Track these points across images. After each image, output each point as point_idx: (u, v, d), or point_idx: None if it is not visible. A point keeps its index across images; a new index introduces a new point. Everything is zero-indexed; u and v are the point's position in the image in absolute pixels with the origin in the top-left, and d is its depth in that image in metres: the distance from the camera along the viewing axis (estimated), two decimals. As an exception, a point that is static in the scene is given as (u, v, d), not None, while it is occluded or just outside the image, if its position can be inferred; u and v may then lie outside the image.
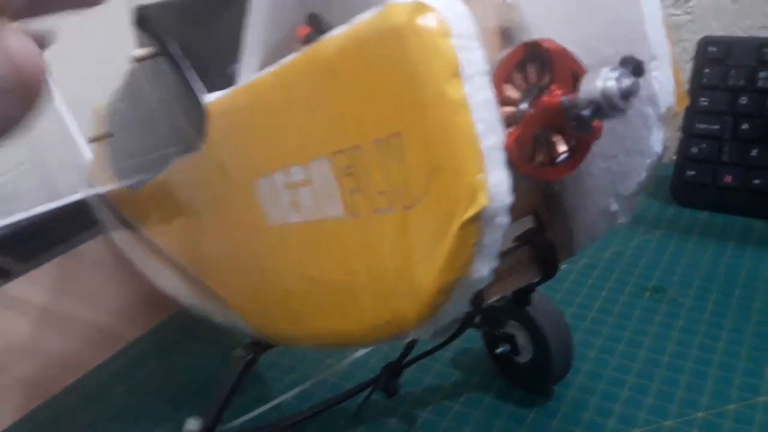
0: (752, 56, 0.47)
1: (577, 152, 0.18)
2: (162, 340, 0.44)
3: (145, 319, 0.45)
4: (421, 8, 0.16)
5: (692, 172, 0.49)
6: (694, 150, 0.49)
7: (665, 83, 0.19)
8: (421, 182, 0.16)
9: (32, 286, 0.50)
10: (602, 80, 0.16)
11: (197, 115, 0.24)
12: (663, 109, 0.19)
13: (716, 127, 0.48)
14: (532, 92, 0.17)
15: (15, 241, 0.46)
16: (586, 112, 0.16)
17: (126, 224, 0.40)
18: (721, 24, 0.55)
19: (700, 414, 0.31)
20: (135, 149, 0.32)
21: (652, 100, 0.19)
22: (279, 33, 0.22)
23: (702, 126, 0.49)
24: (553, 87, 0.17)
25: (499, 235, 0.16)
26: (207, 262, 0.28)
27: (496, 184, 0.15)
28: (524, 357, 0.33)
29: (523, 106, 0.17)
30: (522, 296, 0.27)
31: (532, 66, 0.18)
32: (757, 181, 0.47)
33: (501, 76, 0.17)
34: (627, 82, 0.16)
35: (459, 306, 0.18)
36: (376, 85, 0.17)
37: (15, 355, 0.43)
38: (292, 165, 0.20)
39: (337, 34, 0.18)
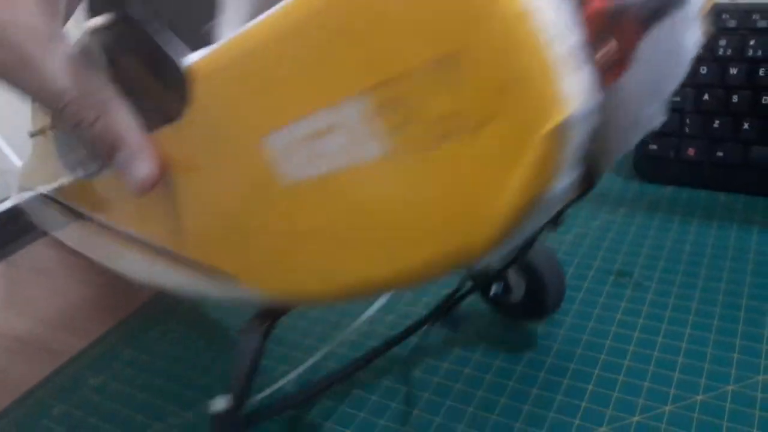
0: (711, 24, 0.45)
1: (625, 55, 0.16)
2: (105, 353, 0.41)
3: (85, 331, 0.43)
4: None
5: (655, 146, 0.48)
6: (656, 123, 0.47)
7: None
8: (490, 100, 0.15)
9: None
10: None
11: (176, 80, 0.21)
12: (696, 8, 0.18)
13: (677, 98, 0.46)
14: None
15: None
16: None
17: (82, 217, 0.37)
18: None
19: (668, 407, 0.30)
20: None
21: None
22: None
23: (663, 98, 0.47)
24: None
25: (581, 142, 0.15)
26: (200, 237, 0.26)
27: (579, 86, 0.14)
28: (516, 295, 0.34)
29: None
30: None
31: None
32: (720, 153, 0.45)
33: None
34: None
35: (535, 224, 0.16)
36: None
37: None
38: (311, 113, 0.18)
39: None
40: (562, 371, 0.33)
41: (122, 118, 0.23)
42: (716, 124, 0.45)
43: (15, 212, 0.52)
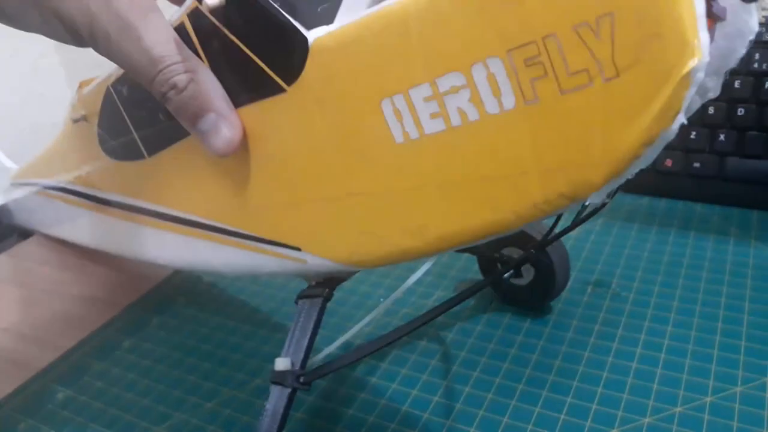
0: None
1: (712, 29, 0.19)
2: (74, 366, 0.40)
3: (54, 344, 0.42)
4: None
5: (632, 157, 0.48)
6: (633, 134, 0.47)
7: None
8: (631, 52, 0.17)
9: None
10: None
11: (291, 54, 0.23)
12: None
13: (654, 109, 0.46)
14: None
15: None
16: None
17: (106, 204, 0.38)
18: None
19: (646, 419, 0.29)
20: (155, 115, 0.30)
21: None
22: None
23: (640, 109, 0.47)
24: None
25: (694, 90, 0.17)
26: (269, 212, 0.27)
27: (704, 42, 0.17)
28: (525, 279, 0.37)
29: None
30: None
31: None
32: (696, 165, 0.45)
33: None
34: None
35: (645, 162, 0.18)
36: None
37: None
38: (440, 75, 0.20)
39: None
40: (540, 382, 0.32)
41: (212, 84, 0.25)
42: (693, 135, 0.45)
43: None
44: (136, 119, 0.31)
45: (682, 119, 0.17)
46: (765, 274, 0.38)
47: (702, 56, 0.17)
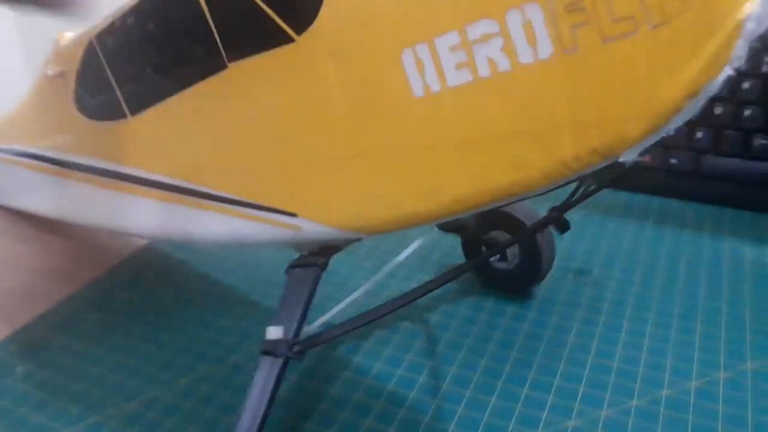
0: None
1: None
2: (34, 340, 0.38)
3: (12, 318, 0.39)
4: None
5: (610, 152, 0.48)
6: (612, 129, 0.48)
7: None
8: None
9: None
10: None
11: (302, 1, 0.22)
12: None
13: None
14: None
15: None
16: None
17: (78, 170, 0.35)
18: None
19: (634, 402, 0.29)
20: (144, 69, 0.28)
21: None
22: None
23: (620, 104, 0.47)
24: None
25: (746, 42, 0.16)
26: (266, 175, 0.26)
27: None
28: (511, 264, 0.36)
29: None
30: None
31: None
32: (673, 161, 0.46)
33: None
34: None
35: (685, 116, 0.18)
36: None
37: None
38: (471, 22, 0.19)
39: None
40: (527, 364, 0.32)
41: None
42: (699, 134, 0.46)
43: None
44: (121, 74, 0.30)
45: (729, 71, 0.17)
46: (741, 268, 0.39)
47: (756, 5, 0.16)
